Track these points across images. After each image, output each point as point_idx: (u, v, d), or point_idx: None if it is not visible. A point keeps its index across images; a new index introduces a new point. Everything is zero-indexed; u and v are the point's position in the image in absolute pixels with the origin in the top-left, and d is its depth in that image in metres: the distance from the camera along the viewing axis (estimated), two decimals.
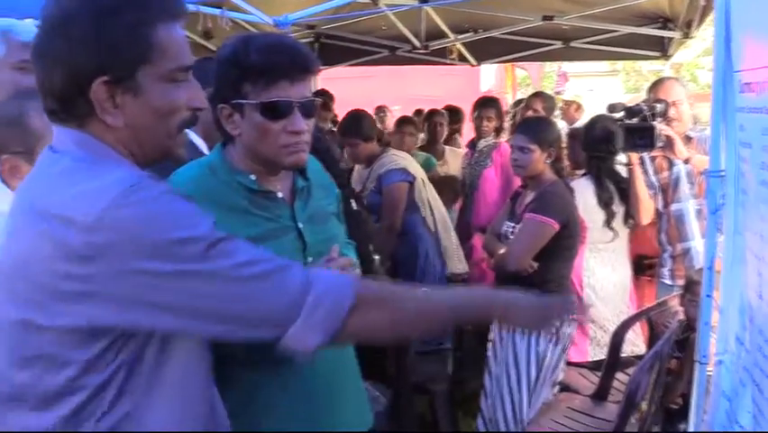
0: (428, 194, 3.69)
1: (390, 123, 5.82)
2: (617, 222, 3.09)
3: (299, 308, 1.02)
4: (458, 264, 3.77)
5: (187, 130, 1.17)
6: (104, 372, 0.98)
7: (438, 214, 3.72)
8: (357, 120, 3.59)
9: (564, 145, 3.18)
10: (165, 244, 0.95)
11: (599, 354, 3.04)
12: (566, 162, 3.24)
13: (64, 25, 0.99)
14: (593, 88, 17.71)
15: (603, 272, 3.11)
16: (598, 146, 3.13)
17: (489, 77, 9.67)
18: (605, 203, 3.06)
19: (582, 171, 3.24)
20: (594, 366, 3.04)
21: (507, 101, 8.88)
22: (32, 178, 1.08)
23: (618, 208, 3.09)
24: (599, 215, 3.06)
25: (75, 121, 1.03)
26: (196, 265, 0.96)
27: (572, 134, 3.80)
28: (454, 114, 5.56)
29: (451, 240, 3.77)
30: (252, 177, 1.47)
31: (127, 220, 0.93)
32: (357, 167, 3.87)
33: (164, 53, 1.03)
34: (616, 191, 3.09)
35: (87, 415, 0.99)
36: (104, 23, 0.99)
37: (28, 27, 1.96)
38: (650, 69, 15.52)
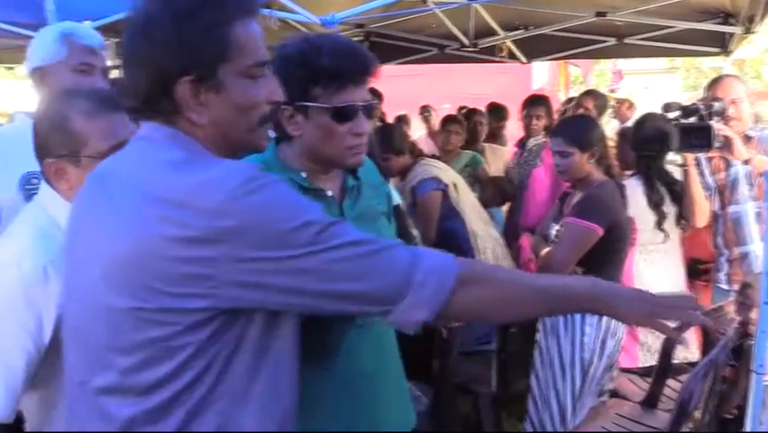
0: (466, 197, 3.65)
1: (435, 122, 5.80)
2: (669, 224, 2.99)
3: (408, 285, 1.05)
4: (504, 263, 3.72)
5: None
6: (207, 357, 1.02)
7: (474, 211, 3.65)
8: (388, 134, 3.61)
9: (613, 144, 3.08)
10: (285, 230, 0.99)
11: (650, 359, 2.95)
12: (615, 162, 3.14)
13: (146, 28, 1.04)
14: (649, 86, 17.22)
15: (654, 275, 3.01)
16: (647, 145, 3.02)
17: (542, 74, 9.51)
18: (655, 204, 2.96)
19: (631, 172, 3.14)
20: (644, 372, 2.96)
21: (560, 99, 8.73)
22: (131, 164, 1.09)
23: (670, 209, 2.99)
24: (650, 216, 2.96)
25: (161, 118, 1.07)
26: (312, 247, 1.00)
27: (622, 133, 3.70)
28: (498, 112, 5.49)
29: (490, 236, 3.71)
30: (304, 174, 1.50)
31: (250, 207, 0.98)
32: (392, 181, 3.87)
33: (242, 50, 1.06)
34: (666, 192, 2.98)
35: (185, 400, 1.03)
36: (183, 25, 1.02)
37: (90, 31, 2.03)
38: (710, 65, 14.99)
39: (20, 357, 1.36)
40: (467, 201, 3.66)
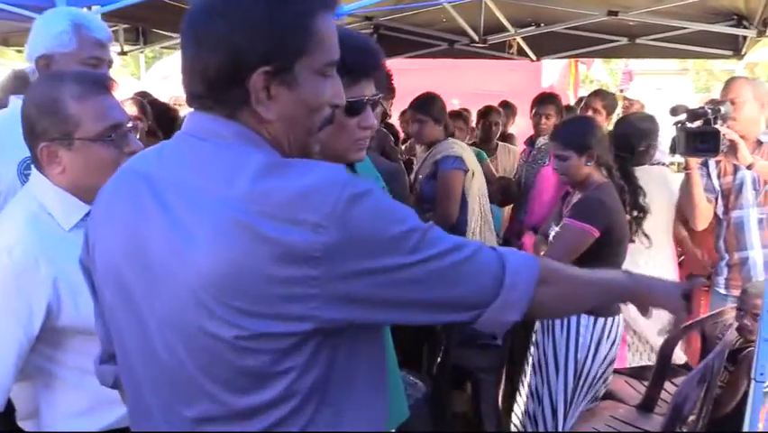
0: (479, 188, 3.67)
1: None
2: (653, 228, 2.96)
3: (499, 287, 1.02)
4: None
5: None
6: (310, 378, 0.95)
7: (483, 208, 3.68)
8: (431, 100, 3.66)
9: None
10: (389, 240, 0.93)
11: (638, 360, 2.97)
12: None
13: (230, 8, 0.93)
14: (661, 87, 17.09)
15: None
16: (619, 148, 2.94)
17: (552, 72, 9.45)
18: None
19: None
20: (632, 373, 2.97)
21: (569, 98, 8.68)
22: (199, 173, 0.96)
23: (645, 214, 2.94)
24: None
25: (224, 109, 0.97)
26: (414, 256, 0.95)
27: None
28: (505, 109, 5.47)
29: (492, 237, 3.73)
30: None
31: (355, 219, 0.90)
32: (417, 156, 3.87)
33: (321, 44, 0.98)
34: (628, 196, 2.92)
35: (291, 422, 0.97)
36: (275, 9, 0.94)
37: (100, 23, 2.00)
38: (722, 68, 14.87)
39: (10, 346, 1.34)
40: (475, 194, 3.67)
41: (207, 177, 0.95)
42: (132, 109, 3.43)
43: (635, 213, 2.88)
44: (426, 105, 3.63)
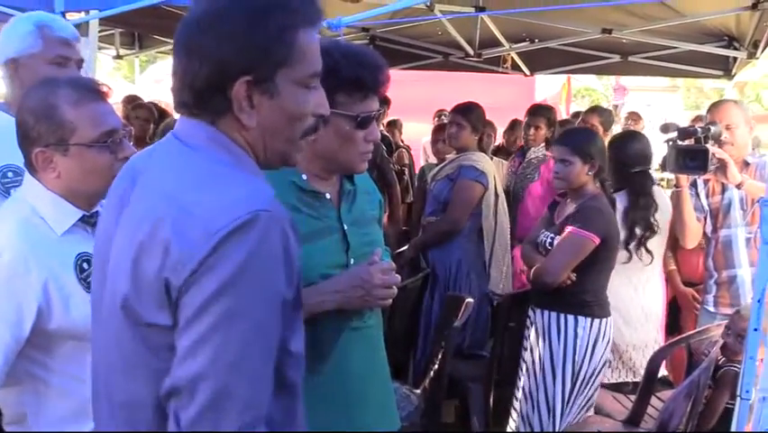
0: (499, 207, 3.72)
1: None
2: (654, 245, 3.02)
3: None
4: (502, 286, 3.75)
5: None
6: None
7: (500, 229, 3.72)
8: (474, 108, 3.72)
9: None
10: (248, 277, 0.92)
11: (616, 376, 3.03)
12: None
13: (216, 22, 1.00)
14: (651, 103, 17.28)
15: (627, 293, 3.04)
16: (636, 162, 3.04)
17: (545, 87, 9.53)
18: (632, 222, 2.99)
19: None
20: (612, 388, 3.02)
21: (561, 112, 8.75)
22: (161, 166, 1.05)
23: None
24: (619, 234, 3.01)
25: (208, 116, 1.03)
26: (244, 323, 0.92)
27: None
28: (515, 126, 5.52)
29: (504, 260, 3.77)
30: (304, 177, 1.53)
31: (235, 246, 0.92)
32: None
33: (303, 58, 1.03)
34: (641, 211, 3.00)
35: None
36: (256, 23, 0.99)
37: (64, 23, 2.01)
38: (712, 86, 15.07)
39: None
40: (502, 210, 3.74)
41: (164, 170, 1.03)
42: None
43: (643, 231, 2.96)
44: (468, 111, 3.69)
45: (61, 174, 1.44)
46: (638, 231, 2.98)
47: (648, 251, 2.99)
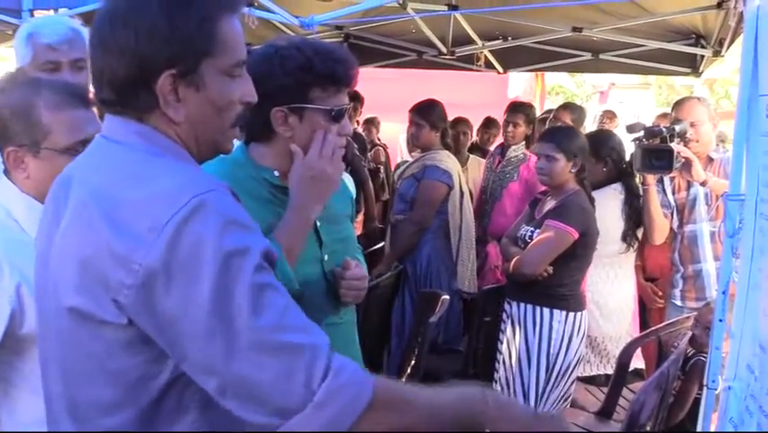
0: (464, 205, 3.75)
1: None
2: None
3: (308, 399, 0.92)
4: (468, 283, 3.79)
5: None
6: (157, 378, 0.96)
7: (466, 227, 3.75)
8: (431, 106, 3.74)
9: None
10: (211, 262, 0.90)
11: (590, 370, 3.09)
12: None
13: (133, 16, 0.97)
14: (624, 101, 17.50)
15: (605, 286, 3.12)
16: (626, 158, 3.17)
17: (518, 84, 9.60)
18: (628, 215, 3.11)
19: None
20: (585, 381, 3.10)
21: (535, 109, 8.82)
22: (91, 166, 1.04)
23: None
24: (618, 227, 3.09)
25: (134, 113, 1.02)
26: (225, 297, 0.89)
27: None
28: (489, 125, 5.57)
29: (469, 257, 3.80)
30: (276, 173, 1.55)
31: (186, 233, 0.90)
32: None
33: (225, 47, 1.02)
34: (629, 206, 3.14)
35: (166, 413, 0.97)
36: (176, 15, 0.97)
37: (53, 26, 2.00)
38: (682, 83, 15.29)
39: None
40: (467, 209, 3.79)
41: (94, 170, 1.02)
42: None
43: (638, 222, 3.07)
44: (425, 110, 3.71)
45: (30, 175, 1.43)
46: (633, 222, 3.08)
47: (638, 240, 3.09)
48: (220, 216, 0.93)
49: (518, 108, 4.31)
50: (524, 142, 4.18)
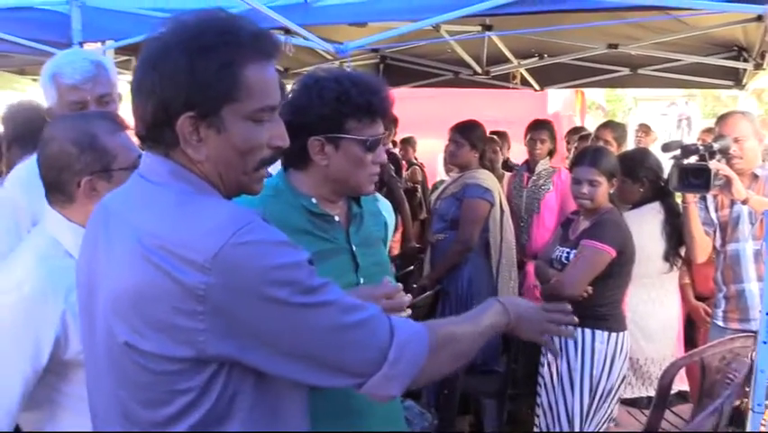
0: (505, 222, 3.76)
1: None
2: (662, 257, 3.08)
3: (384, 360, 1.06)
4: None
5: None
6: (210, 398, 1.02)
7: (506, 245, 3.76)
8: (472, 126, 3.81)
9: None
10: (270, 281, 0.98)
11: (630, 392, 3.03)
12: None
13: (159, 60, 1.03)
14: (667, 113, 17.14)
15: (646, 307, 3.06)
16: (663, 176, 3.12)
17: (557, 99, 9.53)
18: (669, 234, 3.07)
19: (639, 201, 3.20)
20: (627, 403, 3.05)
21: (576, 124, 8.74)
22: (131, 206, 1.09)
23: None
24: (660, 246, 3.05)
25: (161, 148, 1.08)
26: (295, 300, 0.99)
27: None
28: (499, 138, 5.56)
29: (510, 275, 3.80)
30: (314, 200, 1.59)
31: (239, 260, 0.97)
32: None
33: (251, 92, 1.05)
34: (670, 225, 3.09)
35: None
36: (195, 61, 1.02)
37: (75, 64, 1.99)
38: (728, 93, 14.89)
39: (16, 378, 1.39)
40: (507, 227, 3.79)
41: (135, 212, 1.07)
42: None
43: (679, 240, 3.03)
44: (466, 129, 3.77)
45: None
46: (674, 241, 3.03)
47: (683, 259, 3.04)
48: (265, 240, 1.00)
49: (542, 125, 4.37)
50: (548, 157, 4.26)
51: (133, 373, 1.03)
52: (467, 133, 3.74)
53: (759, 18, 3.57)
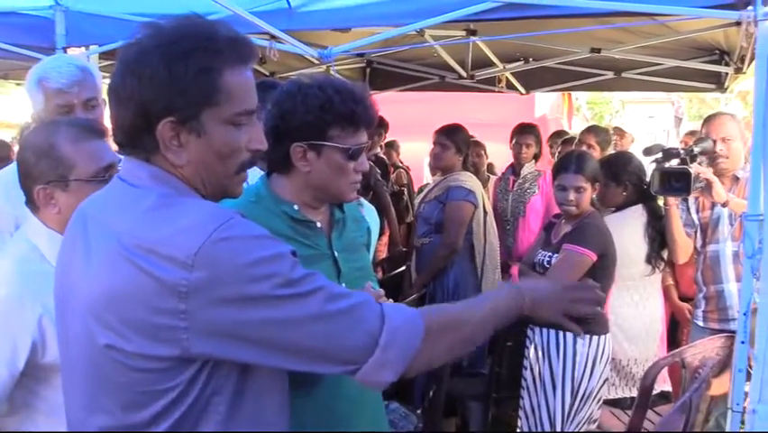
0: (488, 224, 3.78)
1: None
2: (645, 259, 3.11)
3: (375, 346, 1.06)
4: None
5: None
6: (190, 397, 1.03)
7: (490, 247, 3.78)
8: (458, 129, 3.83)
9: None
10: (253, 277, 0.99)
11: (614, 393, 3.06)
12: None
13: (138, 66, 1.04)
14: (654, 115, 17.30)
15: (629, 309, 3.09)
16: (644, 179, 3.15)
17: (545, 102, 9.58)
18: (651, 237, 3.09)
19: (620, 204, 3.23)
20: (610, 403, 3.08)
21: (563, 126, 8.80)
22: (110, 209, 1.10)
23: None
24: (643, 249, 3.07)
25: (142, 154, 1.08)
26: (279, 292, 1.00)
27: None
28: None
29: (494, 277, 3.83)
30: (296, 207, 1.60)
31: (219, 258, 0.98)
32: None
33: (230, 97, 1.06)
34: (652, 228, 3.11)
35: None
36: (173, 67, 1.03)
37: (61, 68, 2.01)
38: (713, 96, 15.05)
39: None
40: (491, 229, 3.83)
41: (115, 215, 1.08)
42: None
43: (662, 243, 3.05)
44: (452, 132, 3.79)
45: (62, 210, 1.50)
46: (657, 243, 3.07)
47: (665, 261, 3.07)
48: (246, 234, 1.02)
49: (527, 130, 4.44)
50: (533, 161, 4.33)
51: (115, 375, 1.03)
52: (452, 136, 3.76)
53: (738, 24, 3.62)
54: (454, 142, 3.75)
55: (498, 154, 5.99)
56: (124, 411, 1.04)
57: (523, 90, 5.64)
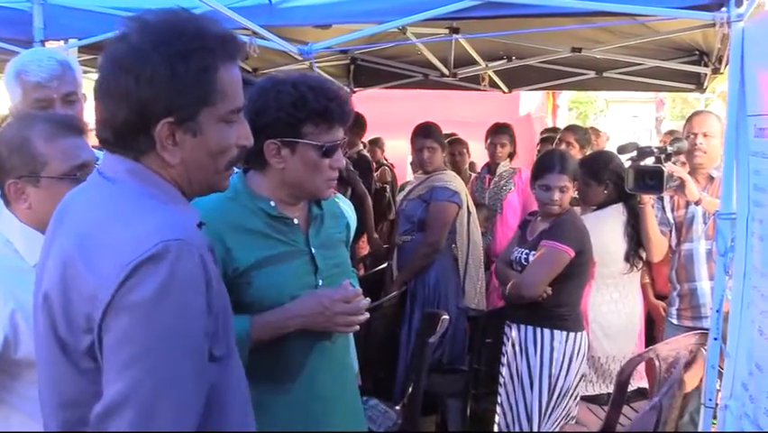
0: (471, 223, 3.79)
1: None
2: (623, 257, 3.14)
3: None
4: (477, 301, 3.82)
5: None
6: None
7: (473, 245, 3.80)
8: (436, 127, 3.85)
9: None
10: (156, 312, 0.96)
11: (592, 389, 3.10)
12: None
13: (135, 63, 1.02)
14: (638, 115, 17.43)
15: (608, 307, 3.12)
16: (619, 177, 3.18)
17: (529, 101, 9.63)
18: (630, 236, 3.11)
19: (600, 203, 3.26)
20: (588, 399, 3.10)
21: (547, 125, 8.85)
22: (81, 203, 1.10)
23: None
24: (622, 247, 3.10)
25: (131, 153, 1.07)
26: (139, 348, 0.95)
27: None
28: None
29: (478, 275, 3.84)
30: (272, 203, 1.60)
31: (140, 284, 0.95)
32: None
33: (224, 95, 1.07)
34: (630, 227, 3.13)
35: None
36: (175, 67, 1.02)
37: (40, 62, 1.98)
38: (695, 96, 15.19)
39: None
40: (474, 228, 3.84)
41: (82, 207, 1.08)
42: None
43: (640, 241, 3.07)
44: (434, 132, 3.80)
45: (32, 205, 1.49)
46: (636, 242, 3.10)
47: (642, 260, 3.10)
48: (178, 270, 0.97)
49: (502, 129, 4.51)
50: (508, 159, 4.42)
51: (64, 372, 1.04)
52: (436, 136, 3.79)
53: (714, 25, 3.66)
54: (440, 143, 3.79)
55: (483, 153, 6.00)
56: (85, 407, 1.03)
57: (505, 89, 5.67)
